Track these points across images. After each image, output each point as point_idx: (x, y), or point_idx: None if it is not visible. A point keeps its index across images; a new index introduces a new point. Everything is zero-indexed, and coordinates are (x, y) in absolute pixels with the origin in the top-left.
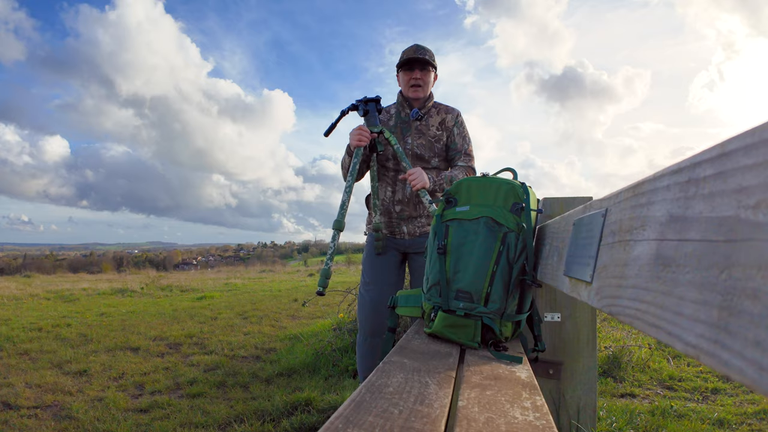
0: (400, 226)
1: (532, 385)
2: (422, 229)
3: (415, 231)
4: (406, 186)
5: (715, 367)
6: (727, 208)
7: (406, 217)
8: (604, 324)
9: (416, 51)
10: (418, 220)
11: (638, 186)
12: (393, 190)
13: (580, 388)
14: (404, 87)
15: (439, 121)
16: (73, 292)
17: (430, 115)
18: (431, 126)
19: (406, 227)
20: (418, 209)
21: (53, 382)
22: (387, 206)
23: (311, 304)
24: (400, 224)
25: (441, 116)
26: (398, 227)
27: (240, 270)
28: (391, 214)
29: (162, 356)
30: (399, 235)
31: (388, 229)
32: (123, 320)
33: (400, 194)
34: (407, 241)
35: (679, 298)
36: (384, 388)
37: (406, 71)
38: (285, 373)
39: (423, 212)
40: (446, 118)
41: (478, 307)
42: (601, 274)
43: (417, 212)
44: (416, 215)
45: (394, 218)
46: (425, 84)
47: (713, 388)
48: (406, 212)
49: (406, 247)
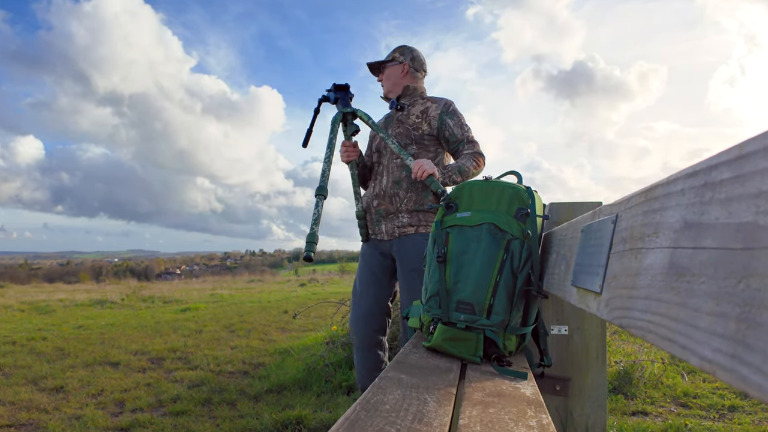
0: (379, 224)
1: (537, 402)
2: (402, 230)
3: (394, 231)
4: (382, 178)
5: (732, 383)
6: (745, 214)
7: (383, 213)
8: (614, 337)
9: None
10: (397, 217)
11: (651, 190)
12: (373, 184)
13: (588, 405)
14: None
15: (420, 110)
16: (49, 303)
17: (413, 105)
18: (411, 115)
19: (384, 225)
20: (394, 203)
21: (28, 399)
22: (368, 202)
23: (302, 317)
24: (379, 222)
25: (425, 106)
26: (378, 225)
27: (227, 280)
28: (371, 211)
29: (143, 372)
30: (379, 235)
31: (371, 229)
32: (102, 333)
33: (377, 188)
34: (386, 244)
35: (694, 310)
36: (380, 405)
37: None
38: (274, 390)
39: (402, 206)
40: (429, 108)
41: (480, 320)
42: (611, 284)
43: (394, 206)
44: (393, 210)
45: (374, 214)
46: (386, 81)
47: (730, 406)
48: (383, 206)
49: (390, 251)
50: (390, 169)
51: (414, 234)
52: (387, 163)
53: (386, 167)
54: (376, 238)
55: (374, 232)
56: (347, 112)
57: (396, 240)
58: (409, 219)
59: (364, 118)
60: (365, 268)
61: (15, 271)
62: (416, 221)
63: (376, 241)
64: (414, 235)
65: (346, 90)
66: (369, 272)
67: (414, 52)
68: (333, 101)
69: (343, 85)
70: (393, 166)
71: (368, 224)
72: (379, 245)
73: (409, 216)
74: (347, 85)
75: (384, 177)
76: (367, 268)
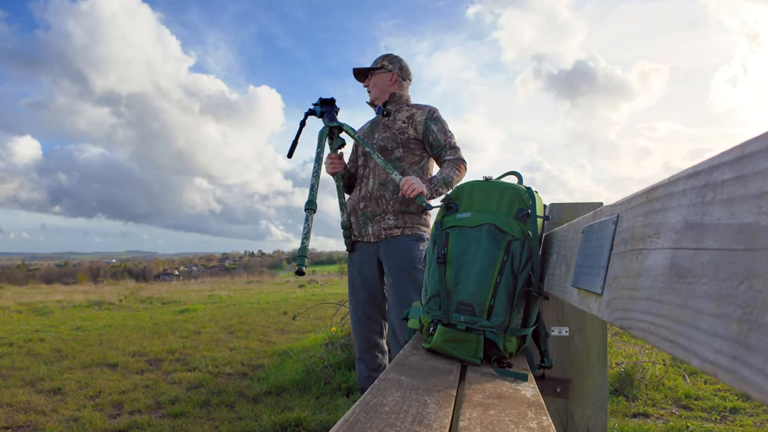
0: (366, 225)
1: (538, 404)
2: (388, 232)
3: (381, 233)
4: (368, 181)
5: (734, 384)
6: (747, 215)
7: (370, 215)
8: (615, 339)
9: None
10: (383, 218)
11: (652, 191)
12: (359, 187)
13: (589, 407)
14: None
15: (406, 116)
16: (47, 304)
17: (398, 111)
18: (398, 120)
19: (371, 227)
20: (381, 204)
21: (25, 400)
22: (355, 205)
23: (301, 318)
24: (366, 224)
25: (410, 112)
26: (364, 227)
27: (225, 281)
28: (357, 213)
29: (141, 373)
30: (365, 238)
31: (357, 231)
32: (100, 335)
33: (363, 191)
34: (373, 246)
35: (695, 311)
36: (380, 407)
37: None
38: (273, 392)
39: (388, 208)
40: (415, 114)
41: (481, 321)
42: (612, 285)
43: (380, 208)
44: (380, 212)
45: (360, 217)
46: (373, 87)
47: (732, 408)
48: (369, 208)
49: (377, 253)
50: (376, 172)
51: (400, 236)
52: (373, 166)
53: (372, 170)
54: (363, 241)
55: (361, 235)
56: (333, 126)
57: (383, 242)
58: (395, 221)
59: (351, 132)
60: (355, 272)
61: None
62: (402, 223)
63: (362, 244)
64: (400, 236)
65: (332, 104)
66: (359, 277)
67: (402, 62)
68: (319, 115)
69: (329, 99)
70: (379, 169)
71: (354, 226)
72: (365, 248)
73: (395, 218)
74: (333, 99)
75: (370, 179)
76: (357, 272)
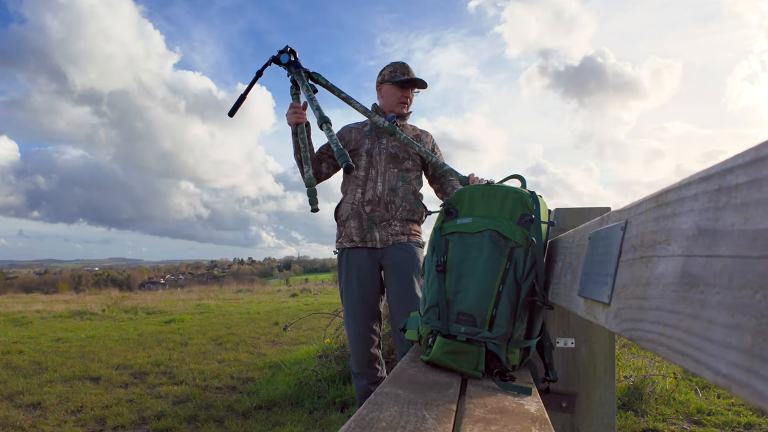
0: (371, 230)
1: (542, 419)
2: (395, 238)
3: (388, 239)
4: (376, 185)
5: (748, 398)
6: (762, 220)
7: (377, 220)
8: (623, 350)
9: (413, 73)
10: (390, 224)
11: (662, 195)
12: (363, 190)
13: (596, 422)
14: (392, 100)
15: (413, 135)
16: (26, 314)
17: (403, 128)
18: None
19: (378, 233)
20: (390, 210)
21: (3, 416)
22: (357, 209)
23: (293, 329)
24: (371, 228)
25: (415, 132)
26: (369, 232)
27: (214, 290)
28: (361, 217)
29: (126, 387)
30: (371, 243)
31: (359, 236)
32: (82, 346)
33: (370, 194)
34: (378, 252)
35: (708, 322)
36: (376, 422)
37: (399, 88)
38: (264, 406)
39: (396, 214)
40: (421, 135)
41: (482, 332)
42: (620, 294)
43: (389, 214)
44: (388, 217)
45: (365, 221)
46: (411, 103)
47: (746, 423)
48: (377, 213)
49: (380, 259)
50: (387, 177)
51: (407, 242)
52: (383, 170)
53: (382, 174)
54: (366, 246)
55: (363, 240)
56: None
57: (390, 248)
58: (402, 227)
59: (322, 81)
60: (355, 283)
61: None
62: (407, 230)
63: (362, 250)
64: (407, 243)
65: (293, 53)
66: (358, 288)
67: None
68: (285, 63)
69: (293, 49)
70: (390, 175)
71: (354, 231)
72: (367, 254)
73: (402, 224)
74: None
75: (379, 183)
76: (357, 283)
